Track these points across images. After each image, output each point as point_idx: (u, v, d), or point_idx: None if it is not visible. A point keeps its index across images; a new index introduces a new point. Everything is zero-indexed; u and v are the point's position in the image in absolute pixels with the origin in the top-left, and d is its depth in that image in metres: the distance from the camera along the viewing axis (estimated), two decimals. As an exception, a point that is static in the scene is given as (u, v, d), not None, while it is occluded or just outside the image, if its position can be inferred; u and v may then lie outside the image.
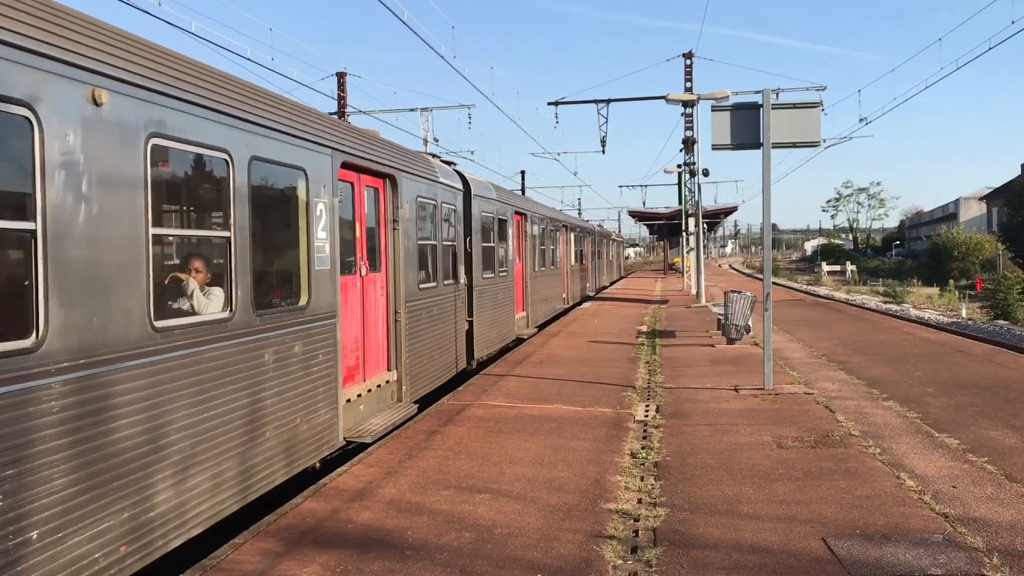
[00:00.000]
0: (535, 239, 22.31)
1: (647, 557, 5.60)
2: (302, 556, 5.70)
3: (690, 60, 39.65)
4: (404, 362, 10.70)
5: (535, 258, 22.16)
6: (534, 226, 22.04)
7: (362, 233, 9.77)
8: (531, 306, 21.35)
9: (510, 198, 19.22)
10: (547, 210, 26.84)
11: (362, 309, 9.75)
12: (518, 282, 19.76)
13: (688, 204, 40.39)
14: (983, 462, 7.82)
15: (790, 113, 11.56)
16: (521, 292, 20.41)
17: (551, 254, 25.54)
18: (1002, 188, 78.69)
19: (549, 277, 24.87)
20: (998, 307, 36.77)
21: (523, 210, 20.67)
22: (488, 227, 16.32)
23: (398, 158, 10.86)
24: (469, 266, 14.56)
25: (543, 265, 23.72)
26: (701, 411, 10.47)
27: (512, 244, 18.61)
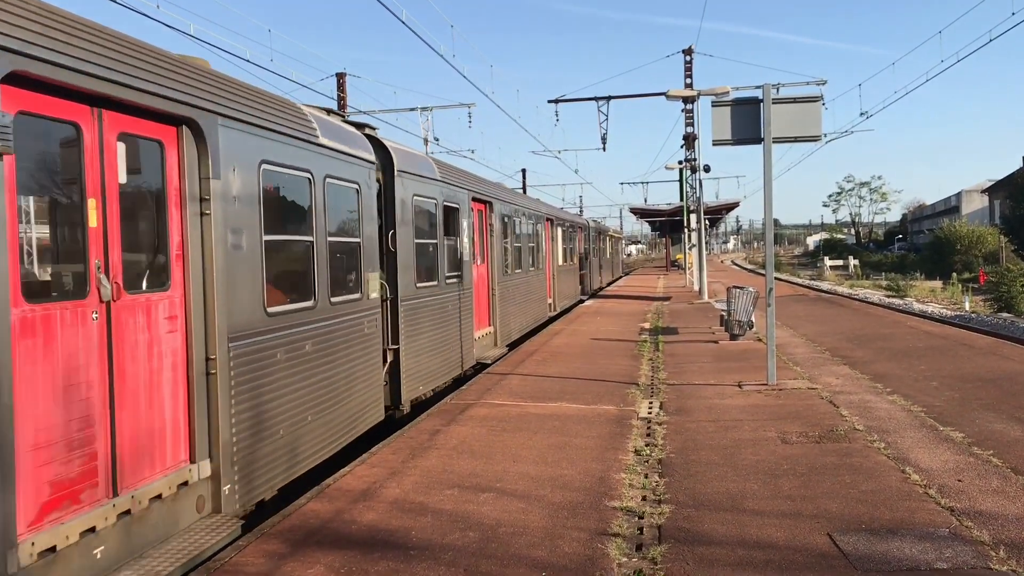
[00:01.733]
0: (507, 235, 18.17)
1: (652, 554, 5.58)
2: (306, 557, 5.69)
3: (690, 56, 39.59)
4: (223, 444, 6.44)
5: (506, 258, 17.93)
6: (504, 218, 17.95)
7: (108, 220, 5.45)
8: (499, 320, 16.94)
9: (465, 180, 14.92)
10: (524, 200, 22.58)
11: (108, 368, 5.38)
12: (479, 290, 15.72)
13: (689, 200, 40.36)
14: (988, 455, 7.79)
15: (791, 108, 11.53)
16: (485, 302, 16.31)
17: (531, 253, 21.36)
18: (1004, 180, 78.56)
19: (528, 281, 20.51)
20: (1001, 300, 36.71)
21: (485, 197, 16.28)
22: (427, 218, 12.34)
23: (204, 87, 6.41)
24: (393, 272, 10.76)
25: (519, 267, 19.50)
26: (705, 407, 10.45)
27: (469, 240, 14.60)
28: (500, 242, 17.23)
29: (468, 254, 14.29)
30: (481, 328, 15.62)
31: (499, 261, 16.98)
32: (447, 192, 13.31)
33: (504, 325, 17.35)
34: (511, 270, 18.38)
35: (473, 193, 15.14)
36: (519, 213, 19.90)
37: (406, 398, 10.94)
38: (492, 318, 16.60)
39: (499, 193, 18.20)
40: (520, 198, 21.98)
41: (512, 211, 18.91)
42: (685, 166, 40.48)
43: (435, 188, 12.67)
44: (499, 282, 16.95)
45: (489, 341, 16.27)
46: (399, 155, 11.24)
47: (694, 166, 36.21)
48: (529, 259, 21.00)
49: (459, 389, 12.29)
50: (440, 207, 12.88)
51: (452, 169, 14.63)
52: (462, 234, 14.06)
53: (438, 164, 13.52)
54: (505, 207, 18.10)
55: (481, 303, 15.83)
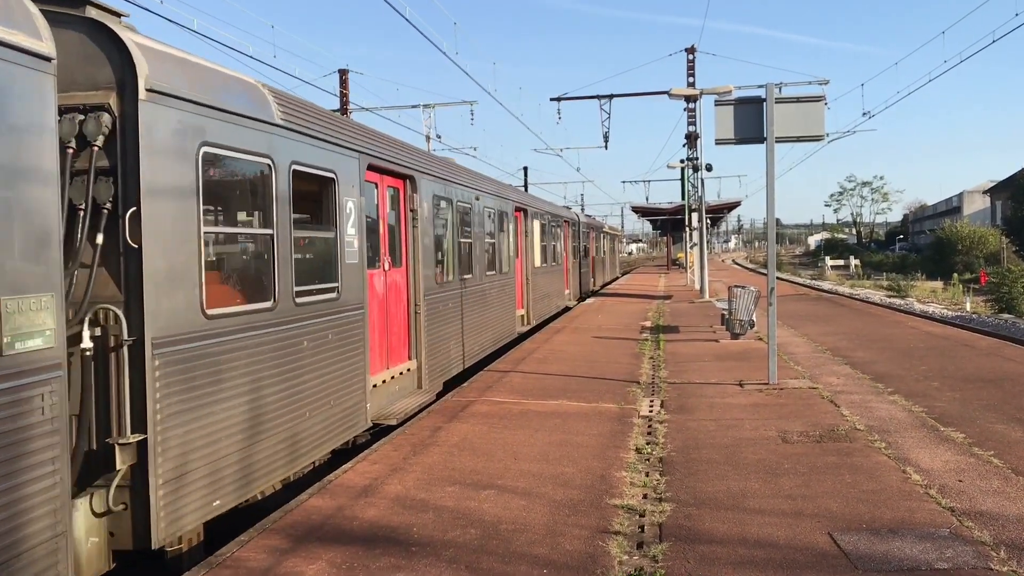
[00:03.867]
0: (445, 227, 13.13)
1: (653, 552, 5.59)
2: (308, 553, 5.70)
3: (693, 55, 39.60)
4: None
5: (444, 260, 13.03)
6: (439, 202, 12.76)
7: None
8: (426, 350, 11.54)
9: (355, 136, 9.45)
10: (474, 179, 15.65)
11: None
12: (392, 308, 10.70)
13: (691, 199, 40.37)
14: (989, 456, 7.80)
15: (793, 107, 11.53)
16: (403, 325, 11.11)
17: (491, 252, 16.35)
18: (1006, 181, 78.50)
19: (486, 290, 15.54)
20: (1002, 301, 36.67)
21: (402, 167, 10.90)
22: (244, 190, 7.46)
23: None
24: (133, 287, 5.63)
25: (469, 271, 14.33)
26: (706, 406, 10.46)
27: (360, 231, 9.29)
28: (432, 236, 12.16)
29: (359, 253, 9.16)
30: (394, 364, 10.66)
31: (428, 263, 11.80)
32: (303, 150, 7.83)
33: (437, 356, 12.08)
34: (453, 276, 13.33)
35: (372, 158, 9.72)
36: (468, 196, 14.64)
37: (160, 539, 5.56)
38: (415, 348, 11.39)
39: (430, 165, 12.46)
40: (469, 176, 15.37)
41: (453, 193, 13.50)
42: (687, 165, 40.49)
43: (263, 139, 7.10)
44: (429, 294, 11.81)
45: (408, 383, 11.08)
46: (157, 60, 5.85)
47: (696, 165, 36.21)
48: (487, 260, 15.95)
49: (460, 387, 12.28)
50: (282, 173, 7.36)
51: (324, 116, 8.72)
52: (343, 221, 8.76)
53: (279, 97, 7.59)
54: (439, 186, 12.64)
55: (394, 327, 10.73)
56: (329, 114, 9.29)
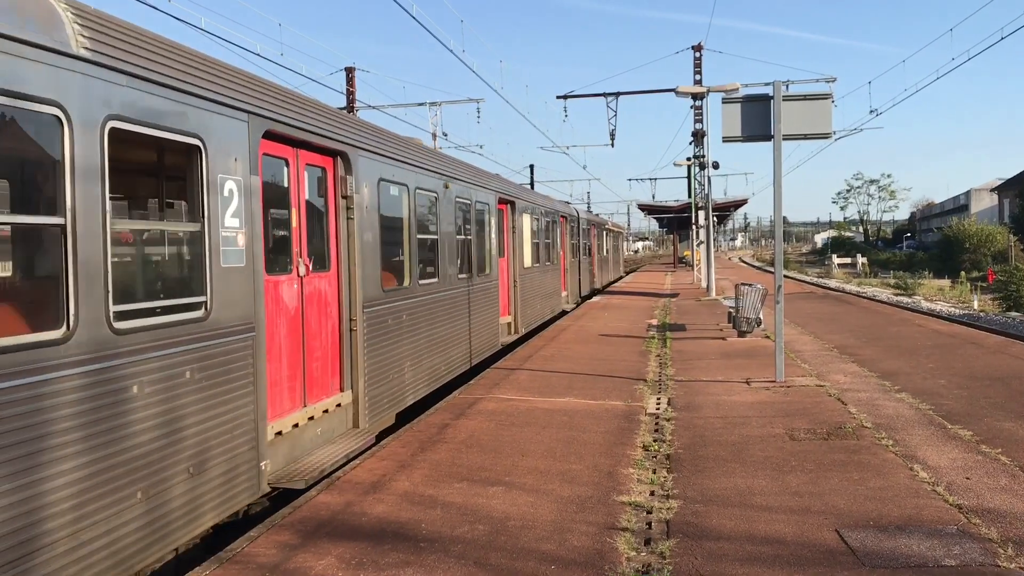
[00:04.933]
0: (384, 216, 9.92)
1: (661, 549, 5.61)
2: (317, 548, 5.74)
3: (699, 53, 39.54)
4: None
5: (400, 264, 10.71)
6: (385, 187, 9.99)
7: None
8: (365, 381, 9.10)
9: (231, 84, 6.75)
10: (424, 155, 12.04)
11: None
12: (279, 337, 7.63)
13: (698, 197, 40.32)
14: (997, 453, 7.80)
15: (801, 105, 11.53)
16: (339, 352, 8.84)
17: (464, 251, 13.84)
18: (1014, 179, 78.24)
19: (457, 299, 13.04)
20: (1010, 299, 36.57)
21: (332, 138, 8.47)
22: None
23: None
24: None
25: (431, 276, 11.80)
26: (712, 404, 10.47)
27: (243, 219, 6.74)
28: (377, 231, 9.57)
29: (247, 253, 6.69)
30: (315, 400, 8.22)
31: (371, 265, 9.38)
32: (134, 100, 5.49)
33: (383, 383, 9.59)
34: (410, 280, 10.77)
35: (273, 123, 7.18)
36: (433, 183, 11.97)
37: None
38: (350, 376, 8.91)
39: (373, 140, 9.66)
40: (435, 159, 12.73)
41: (410, 178, 10.82)
42: (694, 163, 40.46)
43: (47, 76, 4.73)
44: (372, 305, 9.32)
45: (338, 422, 8.68)
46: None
47: (703, 163, 36.17)
48: (460, 261, 13.46)
49: (467, 384, 12.31)
50: (86, 131, 5.01)
51: (181, 54, 6.15)
52: (217, 208, 6.31)
53: (83, 15, 5.16)
54: (389, 168, 10.00)
55: (316, 351, 8.28)
56: (197, 55, 6.43)
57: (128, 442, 5.24)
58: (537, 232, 21.25)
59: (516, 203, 18.40)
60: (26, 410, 4.45)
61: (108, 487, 5.05)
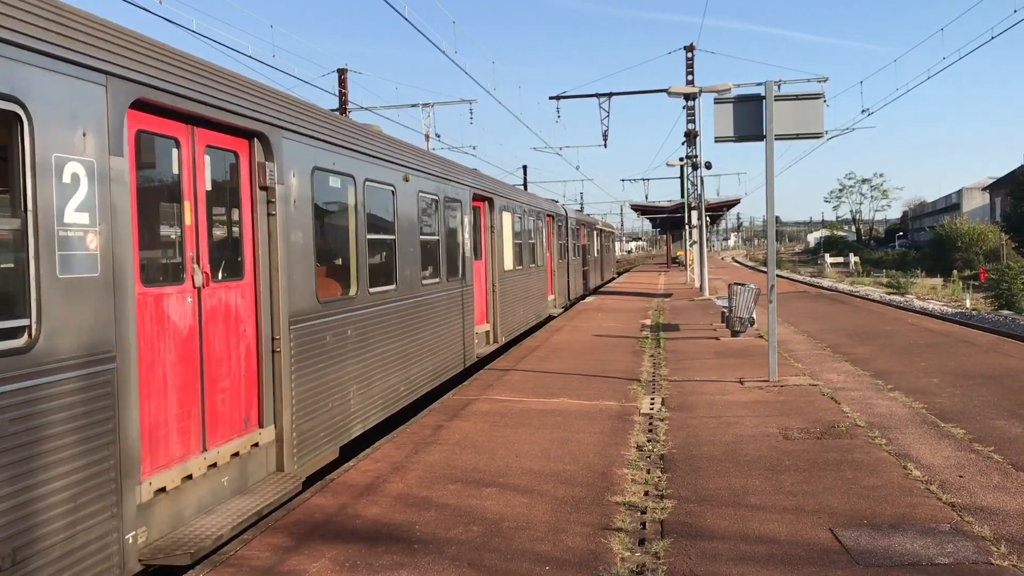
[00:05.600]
0: (321, 213, 8.41)
1: (655, 549, 5.61)
2: (311, 551, 5.72)
3: (691, 53, 39.63)
4: None
5: (344, 269, 9.15)
6: (295, 168, 7.76)
7: None
8: (295, 413, 7.56)
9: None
10: (375, 142, 10.22)
11: None
12: (159, 367, 5.91)
13: (690, 197, 40.39)
14: (989, 451, 7.82)
15: (793, 105, 11.55)
16: (256, 380, 7.23)
17: (430, 254, 12.24)
18: (1005, 178, 78.56)
19: (420, 309, 11.38)
20: (1002, 297, 36.74)
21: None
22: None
23: None
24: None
25: (385, 283, 10.14)
26: (706, 403, 10.48)
27: (90, 219, 5.07)
28: (310, 231, 7.96)
29: (103, 259, 5.17)
30: (221, 441, 6.67)
31: (302, 272, 7.72)
32: None
33: (320, 413, 8.04)
34: (357, 288, 9.15)
35: (148, 88, 5.63)
36: (389, 175, 10.35)
37: None
38: (272, 409, 7.31)
39: (302, 121, 7.96)
40: (390, 147, 10.78)
41: (357, 168, 9.25)
42: (686, 163, 40.54)
43: None
44: (303, 319, 7.72)
45: (255, 466, 7.12)
46: None
47: (695, 163, 36.25)
48: (425, 265, 11.87)
49: (460, 385, 12.31)
50: None
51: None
52: (51, 197, 4.77)
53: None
54: (327, 155, 8.43)
55: (220, 379, 6.67)
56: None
57: None
58: (520, 232, 19.88)
59: (494, 200, 16.92)
60: None
61: None
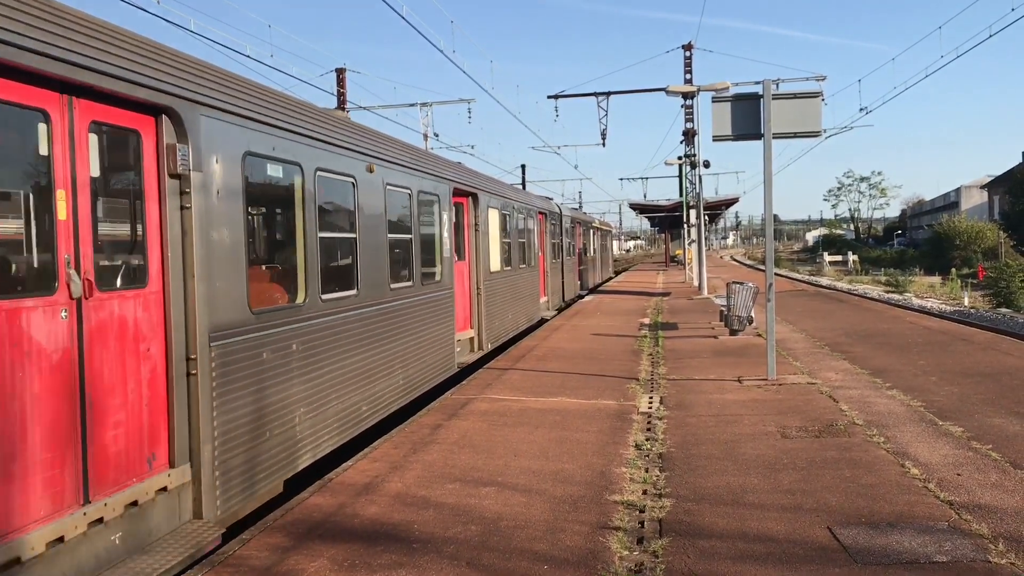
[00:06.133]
0: (252, 206, 7.29)
1: (653, 548, 5.62)
2: (310, 550, 5.73)
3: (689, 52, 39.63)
4: None
5: (290, 272, 8.02)
6: (215, 150, 6.35)
7: None
8: (215, 452, 6.23)
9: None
10: (330, 125, 8.84)
11: None
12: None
13: (689, 196, 40.40)
14: (987, 449, 7.83)
15: (791, 103, 11.56)
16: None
17: (401, 254, 11.08)
18: (1003, 176, 78.60)
19: (389, 317, 10.21)
20: (1000, 295, 36.79)
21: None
22: None
23: None
24: None
25: (343, 287, 8.98)
26: (705, 402, 10.49)
27: None
28: (237, 226, 6.69)
29: None
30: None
31: (222, 275, 6.45)
32: None
33: (238, 452, 6.58)
34: (305, 295, 7.92)
35: (16, 42, 4.39)
36: (349, 166, 9.10)
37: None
38: (188, 440, 6.06)
39: (222, 90, 6.63)
40: (349, 132, 9.45)
41: (306, 155, 7.98)
42: (684, 162, 40.55)
43: None
44: (224, 336, 6.41)
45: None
46: None
47: (693, 162, 36.26)
48: (394, 266, 10.60)
49: (459, 384, 12.32)
50: None
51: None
52: None
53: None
54: (260, 138, 7.13)
55: (129, 413, 5.56)
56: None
57: None
58: (509, 230, 18.61)
59: (478, 195, 15.54)
60: None
61: None
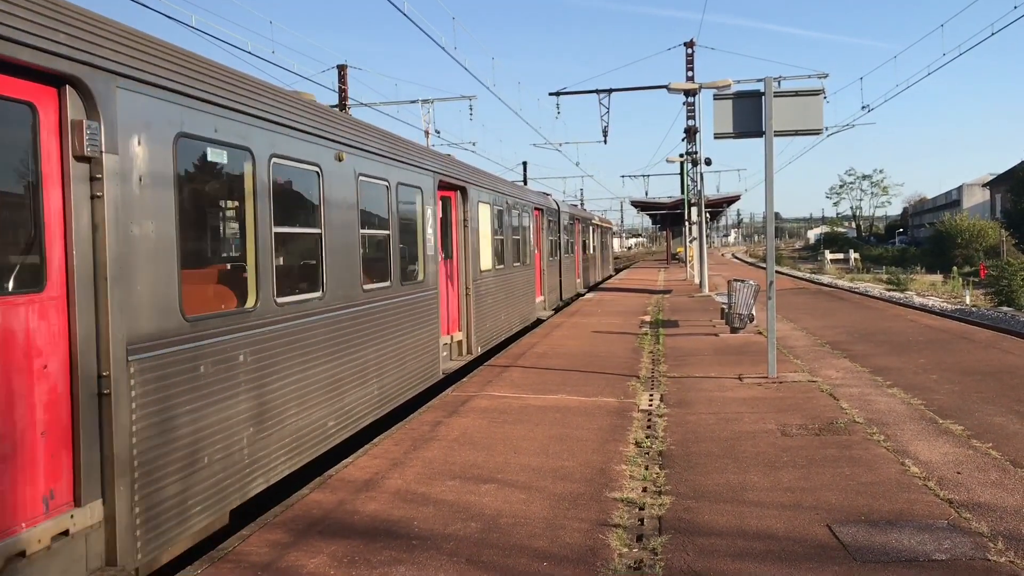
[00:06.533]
0: (186, 197, 6.12)
1: (653, 545, 5.62)
2: (309, 547, 5.73)
3: (691, 49, 39.57)
4: None
5: (248, 272, 7.05)
6: (140, 129, 5.48)
7: None
8: (137, 484, 5.24)
9: None
10: (288, 107, 7.72)
11: None
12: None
13: (690, 193, 40.36)
14: (987, 448, 7.83)
15: (792, 101, 11.53)
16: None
17: (375, 252, 10.18)
18: (1006, 174, 78.49)
19: (361, 321, 9.23)
20: (1002, 294, 36.76)
21: None
22: None
23: None
24: None
25: (307, 288, 8.14)
26: (705, 400, 10.49)
27: None
28: (168, 223, 5.81)
29: None
30: None
31: (147, 280, 5.53)
32: None
33: (179, 480, 5.74)
34: (256, 300, 7.02)
35: None
36: (311, 152, 8.13)
37: None
38: (100, 474, 5.07)
39: (155, 60, 5.74)
40: (313, 114, 8.38)
41: (258, 138, 7.09)
42: (686, 159, 40.50)
43: None
44: (146, 348, 5.43)
45: None
46: None
47: (695, 159, 36.23)
48: (369, 266, 9.67)
49: (459, 382, 12.32)
50: None
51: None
52: None
53: None
54: (199, 118, 6.21)
55: (22, 444, 4.59)
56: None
57: None
58: (502, 227, 17.56)
59: (467, 189, 14.49)
60: None
61: None
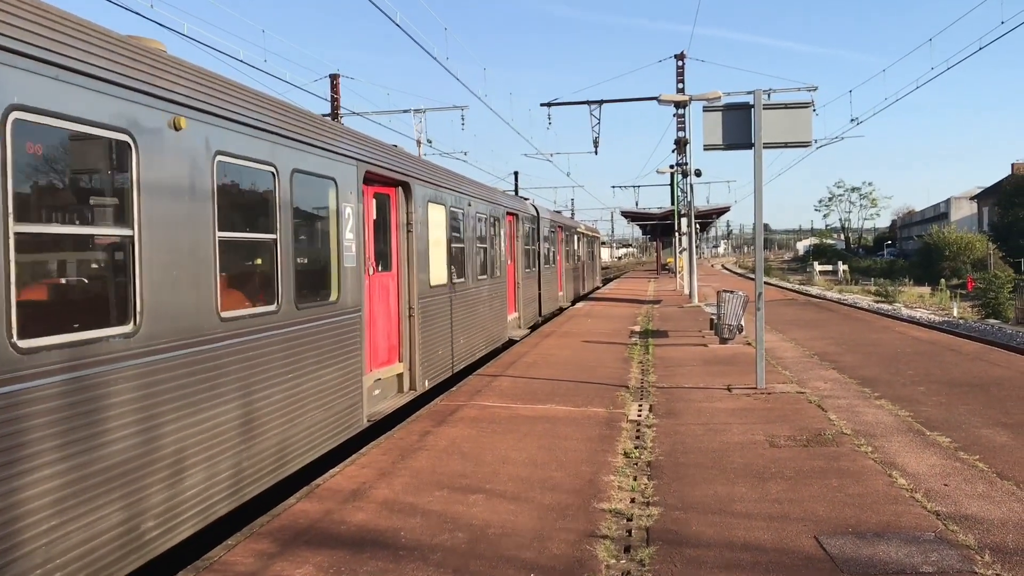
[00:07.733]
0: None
1: (640, 556, 5.61)
2: (296, 557, 5.69)
3: (682, 61, 39.70)
4: None
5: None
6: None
7: None
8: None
9: None
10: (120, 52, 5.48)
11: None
12: None
13: (680, 204, 40.46)
14: (975, 460, 7.85)
15: (781, 113, 11.59)
16: None
17: (273, 264, 7.73)
18: (993, 188, 79.14)
19: (251, 367, 7.16)
20: (989, 306, 37.01)
21: None
22: None
23: None
24: None
25: (134, 318, 5.61)
26: (694, 410, 10.49)
27: None
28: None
29: None
30: None
31: None
32: None
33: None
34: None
35: None
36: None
37: None
38: None
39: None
40: (142, 61, 5.78)
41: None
42: (676, 170, 40.57)
43: None
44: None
45: None
46: None
47: (685, 170, 36.33)
48: (247, 290, 7.58)
49: (449, 391, 12.29)
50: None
51: None
52: None
53: None
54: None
55: None
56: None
57: None
58: (461, 233, 15.11)
59: (411, 185, 11.90)
60: None
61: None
